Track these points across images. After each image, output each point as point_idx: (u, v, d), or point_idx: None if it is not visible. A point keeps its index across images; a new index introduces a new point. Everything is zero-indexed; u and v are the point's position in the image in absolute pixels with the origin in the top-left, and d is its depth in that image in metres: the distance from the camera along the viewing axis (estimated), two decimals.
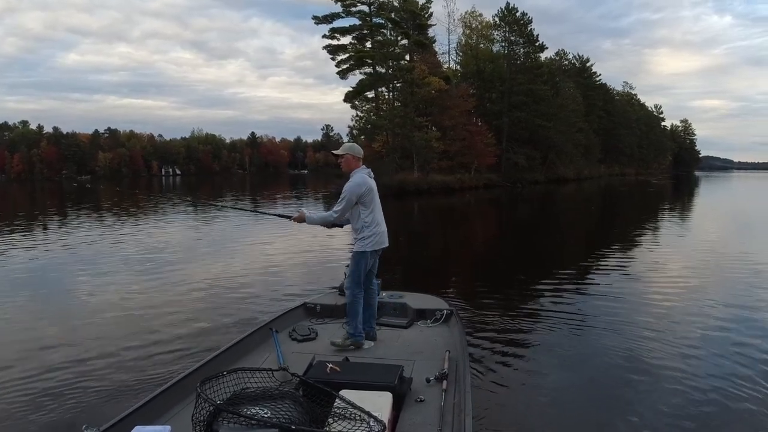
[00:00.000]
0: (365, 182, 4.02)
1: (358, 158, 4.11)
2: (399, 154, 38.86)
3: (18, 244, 13.30)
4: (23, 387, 4.45)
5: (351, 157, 4.09)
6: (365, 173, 4.08)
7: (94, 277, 9.14)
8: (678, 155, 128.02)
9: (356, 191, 3.97)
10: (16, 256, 11.51)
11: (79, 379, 4.58)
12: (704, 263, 10.38)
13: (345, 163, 4.10)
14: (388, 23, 40.55)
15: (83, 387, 4.43)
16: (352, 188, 3.97)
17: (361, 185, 3.99)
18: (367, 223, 4.05)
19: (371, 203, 4.05)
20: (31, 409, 4.05)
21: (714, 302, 7.17)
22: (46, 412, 3.99)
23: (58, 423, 3.84)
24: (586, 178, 62.14)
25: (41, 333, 6.01)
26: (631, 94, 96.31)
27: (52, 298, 7.84)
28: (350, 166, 4.09)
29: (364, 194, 4.00)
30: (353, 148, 4.15)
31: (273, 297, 7.51)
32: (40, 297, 7.93)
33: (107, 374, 4.70)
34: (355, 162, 4.09)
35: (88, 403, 4.14)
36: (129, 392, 4.24)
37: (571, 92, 61.06)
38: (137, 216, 22.05)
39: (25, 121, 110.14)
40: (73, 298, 7.75)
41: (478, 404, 3.69)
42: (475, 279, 9.71)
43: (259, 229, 15.80)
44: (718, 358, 5.06)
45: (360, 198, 4.00)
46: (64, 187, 61.88)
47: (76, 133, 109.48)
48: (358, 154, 4.12)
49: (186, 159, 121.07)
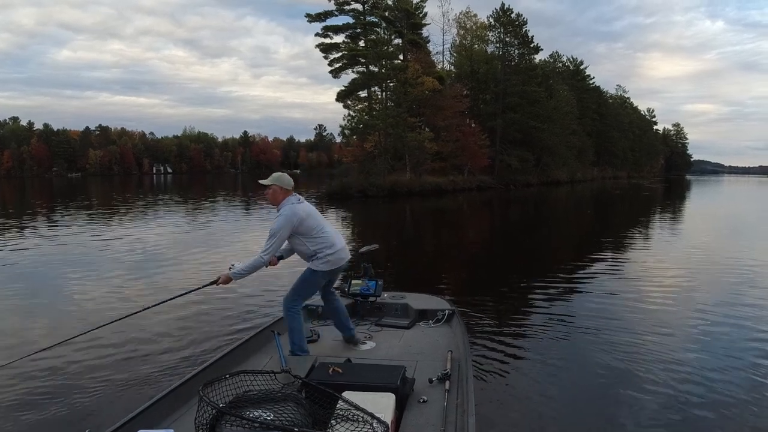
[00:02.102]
0: (295, 214, 3.69)
1: (287, 190, 3.78)
2: (391, 154, 38.77)
3: (11, 242, 13.16)
4: (25, 391, 4.40)
5: (278, 188, 3.77)
6: (294, 201, 3.76)
7: (93, 279, 9.05)
8: (670, 159, 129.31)
9: (287, 225, 3.67)
10: (11, 255, 11.39)
11: (80, 384, 4.55)
12: (701, 265, 10.48)
13: (272, 195, 3.79)
14: (381, 22, 40.51)
15: (85, 391, 4.39)
16: (282, 224, 3.65)
17: (291, 218, 3.67)
18: (318, 249, 3.80)
19: (314, 229, 3.78)
20: (33, 413, 4.01)
21: (711, 305, 7.24)
22: (49, 417, 3.96)
23: (61, 427, 3.81)
24: (579, 181, 62.47)
25: (41, 336, 5.96)
26: (624, 97, 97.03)
27: (49, 300, 7.71)
28: (276, 198, 3.78)
29: (298, 225, 3.71)
30: (281, 179, 3.80)
31: (274, 299, 7.46)
32: (37, 298, 7.81)
33: (109, 378, 4.66)
34: (282, 194, 3.77)
35: (90, 407, 4.11)
36: (131, 396, 4.21)
37: (565, 95, 61.24)
38: (135, 214, 21.93)
39: (16, 117, 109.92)
40: (72, 301, 7.66)
41: (481, 404, 3.68)
42: (473, 280, 9.73)
43: (260, 229, 15.79)
44: (716, 360, 5.10)
45: (296, 230, 3.72)
46: (54, 183, 61.38)
47: (66, 130, 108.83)
48: (287, 185, 3.78)
49: (178, 157, 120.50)
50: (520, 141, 50.14)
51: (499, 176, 47.67)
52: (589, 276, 9.44)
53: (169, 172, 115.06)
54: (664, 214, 24.75)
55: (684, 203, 34.95)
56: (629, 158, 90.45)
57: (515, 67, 51.06)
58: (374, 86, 41.07)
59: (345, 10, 39.87)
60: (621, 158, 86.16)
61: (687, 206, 32.34)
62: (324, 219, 3.95)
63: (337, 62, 41.42)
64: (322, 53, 41.29)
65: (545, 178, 54.04)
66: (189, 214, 22.19)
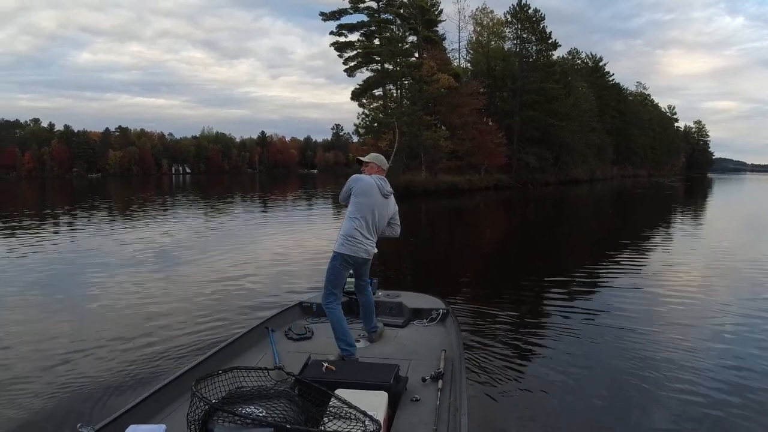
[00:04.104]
0: (366, 180, 3.99)
1: (381, 168, 4.18)
2: (406, 153, 38.63)
3: (37, 241, 13.35)
4: (17, 386, 4.41)
5: (375, 165, 4.16)
6: (375, 178, 4.05)
7: (86, 276, 9.09)
8: (691, 157, 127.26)
9: (352, 179, 3.97)
10: (36, 254, 11.50)
11: (73, 378, 4.54)
12: (729, 271, 9.93)
13: (368, 170, 4.16)
14: (396, 19, 40.38)
15: (77, 386, 4.39)
16: (352, 177, 3.99)
17: (360, 179, 3.98)
18: (345, 220, 3.97)
19: (357, 201, 3.94)
20: (25, 408, 4.01)
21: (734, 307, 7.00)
22: (41, 412, 3.95)
23: (53, 422, 3.79)
24: (599, 180, 61.66)
25: (33, 332, 5.98)
26: (644, 94, 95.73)
27: (43, 297, 7.74)
28: (372, 172, 4.15)
29: (356, 186, 3.95)
30: (378, 158, 4.24)
31: (270, 294, 7.50)
32: (31, 295, 7.84)
33: (101, 373, 4.65)
34: (378, 170, 4.15)
35: (82, 402, 4.10)
36: (124, 391, 4.20)
37: (584, 92, 60.47)
38: (137, 213, 22.19)
39: (37, 119, 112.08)
40: (64, 297, 7.69)
41: (474, 404, 3.67)
42: (476, 280, 9.59)
43: (261, 229, 15.83)
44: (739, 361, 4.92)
45: (351, 190, 3.97)
46: (75, 184, 62.50)
47: (87, 132, 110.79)
48: (381, 164, 4.19)
49: (196, 158, 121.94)
50: (538, 139, 49.65)
51: (517, 175, 47.26)
52: (593, 280, 9.07)
53: (188, 172, 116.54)
54: (691, 215, 24.07)
55: (708, 202, 34.23)
56: (649, 156, 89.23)
57: (533, 63, 50.56)
58: (389, 84, 40.97)
59: (359, 7, 39.71)
60: (641, 156, 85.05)
61: (712, 205, 31.64)
62: (378, 211, 3.99)
63: (352, 61, 41.37)
64: (336, 52, 41.28)
65: (564, 177, 53.50)
66: (210, 214, 22.41)
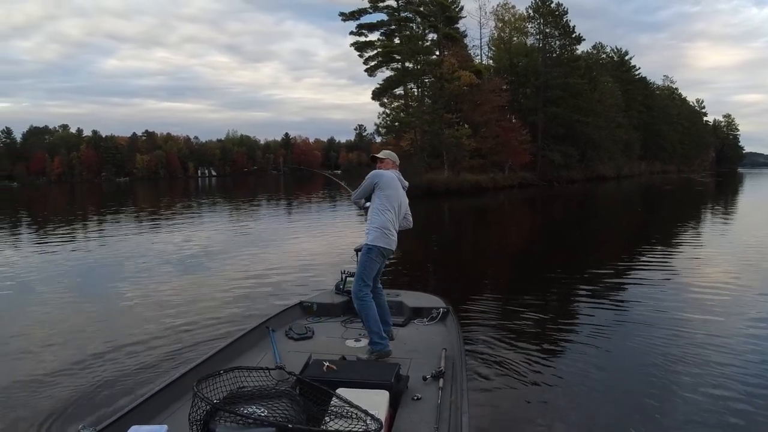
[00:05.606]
0: (388, 174, 4.10)
1: (396, 164, 4.33)
2: (428, 152, 38.37)
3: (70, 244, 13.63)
4: (18, 386, 4.45)
5: (391, 162, 4.31)
6: (393, 172, 4.18)
7: (91, 278, 9.22)
8: (721, 152, 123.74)
9: (369, 181, 4.05)
10: (70, 255, 11.76)
11: (75, 379, 4.57)
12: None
13: (383, 166, 4.30)
14: (416, 17, 40.17)
15: (79, 386, 4.41)
16: (373, 173, 4.08)
17: (383, 174, 4.07)
18: (373, 214, 4.03)
19: (385, 194, 4.03)
20: (27, 408, 4.04)
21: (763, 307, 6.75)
22: (42, 412, 3.96)
23: (55, 422, 3.80)
24: (626, 176, 60.21)
25: (35, 333, 6.04)
26: (672, 88, 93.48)
27: (45, 298, 7.83)
28: (386, 168, 4.28)
29: (380, 181, 4.04)
30: (391, 155, 4.40)
31: (270, 295, 7.55)
32: (36, 297, 7.95)
33: (103, 374, 4.68)
34: (393, 165, 4.30)
35: (84, 402, 4.12)
36: (125, 392, 4.22)
37: (610, 86, 59.20)
38: (152, 218, 22.53)
39: (65, 125, 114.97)
40: (66, 298, 7.79)
41: (475, 402, 3.65)
42: (483, 280, 9.49)
43: (260, 229, 15.91)
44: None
45: (376, 185, 4.04)
46: (104, 188, 63.89)
47: (114, 137, 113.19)
48: (394, 159, 4.36)
49: (221, 160, 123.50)
50: (563, 135, 48.70)
51: (542, 173, 46.37)
52: (605, 280, 8.78)
53: (213, 174, 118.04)
54: (722, 211, 23.25)
55: (739, 198, 33.23)
56: (678, 151, 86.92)
57: (557, 59, 49.77)
58: (409, 83, 40.80)
59: (379, 7, 39.73)
60: (669, 152, 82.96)
61: (743, 202, 30.65)
62: (402, 203, 4.14)
63: (372, 60, 41.45)
64: (356, 52, 41.39)
65: (590, 174, 52.45)
66: (238, 215, 22.81)
